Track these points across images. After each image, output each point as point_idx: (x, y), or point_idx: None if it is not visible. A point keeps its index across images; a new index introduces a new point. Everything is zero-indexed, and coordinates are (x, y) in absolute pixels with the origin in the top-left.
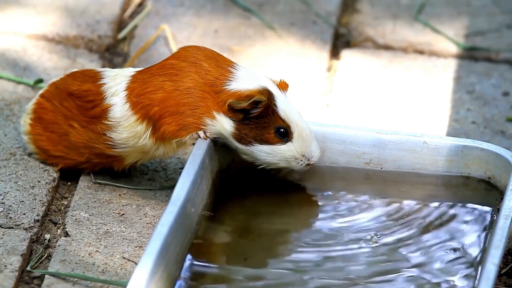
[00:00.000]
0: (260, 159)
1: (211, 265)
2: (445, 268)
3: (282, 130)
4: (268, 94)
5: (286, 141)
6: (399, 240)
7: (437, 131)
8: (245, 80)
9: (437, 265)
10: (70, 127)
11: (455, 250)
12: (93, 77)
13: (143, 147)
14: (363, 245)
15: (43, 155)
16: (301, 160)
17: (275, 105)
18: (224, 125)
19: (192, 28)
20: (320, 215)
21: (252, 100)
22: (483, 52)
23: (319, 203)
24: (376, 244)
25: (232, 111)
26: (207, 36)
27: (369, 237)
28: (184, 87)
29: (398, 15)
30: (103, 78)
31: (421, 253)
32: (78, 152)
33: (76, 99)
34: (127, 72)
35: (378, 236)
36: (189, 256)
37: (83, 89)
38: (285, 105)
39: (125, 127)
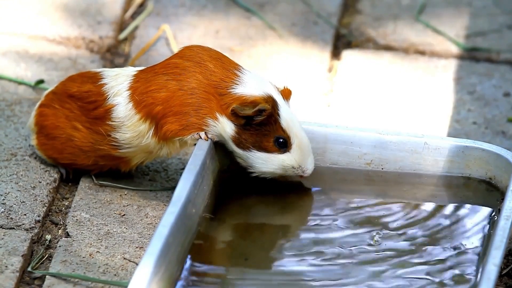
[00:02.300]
0: (254, 166)
1: (212, 265)
2: (446, 268)
3: (282, 140)
4: (273, 103)
5: (284, 151)
6: (400, 241)
7: (438, 132)
8: (250, 85)
9: (437, 266)
10: (74, 130)
11: (455, 250)
12: (93, 78)
13: (147, 146)
14: (364, 244)
15: (55, 162)
16: (296, 170)
17: (278, 114)
18: (225, 127)
19: (193, 28)
20: (321, 216)
21: (256, 108)
22: (484, 52)
23: (320, 204)
24: (378, 244)
25: (235, 116)
26: (208, 36)
27: (370, 236)
28: (189, 87)
29: (399, 16)
30: (103, 78)
31: (421, 253)
32: (84, 156)
33: (77, 101)
34: (129, 71)
35: (380, 235)
36: (190, 257)
37: (84, 90)
38: (288, 116)
39: (129, 126)
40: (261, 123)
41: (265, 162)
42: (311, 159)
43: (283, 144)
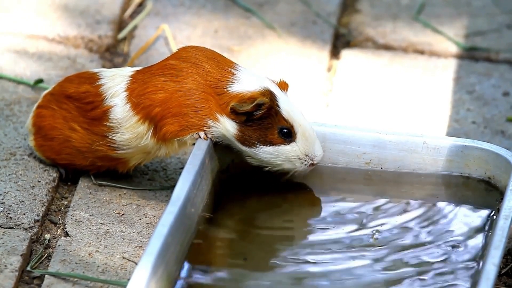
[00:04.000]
0: (264, 161)
1: (211, 265)
2: (445, 268)
3: (286, 130)
4: (270, 95)
5: (290, 142)
6: (400, 239)
7: (437, 131)
8: (247, 82)
9: (436, 265)
10: (71, 131)
11: (454, 249)
12: (90, 78)
13: (145, 147)
14: (364, 244)
15: (53, 162)
16: (305, 160)
17: (277, 105)
18: (227, 127)
19: (192, 28)
20: (320, 215)
21: (255, 103)
22: (483, 52)
23: (319, 203)
24: (377, 243)
25: (235, 114)
26: (207, 36)
27: (369, 235)
28: (187, 88)
29: (398, 15)
30: (100, 78)
31: (420, 252)
32: (82, 157)
33: (75, 101)
34: (126, 72)
35: (380, 233)
36: (189, 256)
37: (81, 91)
38: (288, 106)
39: (127, 128)
40: (262, 117)
41: (273, 156)
42: (318, 145)
43: (287, 134)
